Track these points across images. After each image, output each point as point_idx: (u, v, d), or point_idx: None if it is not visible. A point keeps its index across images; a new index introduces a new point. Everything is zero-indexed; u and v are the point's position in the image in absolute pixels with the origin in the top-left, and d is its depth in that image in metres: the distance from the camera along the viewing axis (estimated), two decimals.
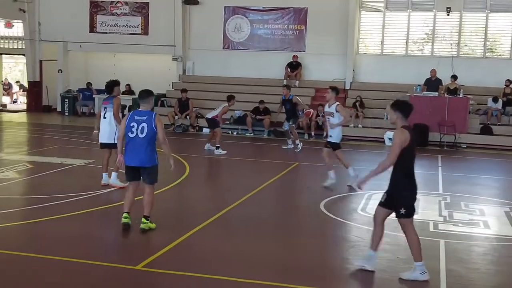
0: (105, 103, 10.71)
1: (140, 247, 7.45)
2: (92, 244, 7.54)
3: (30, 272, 6.57)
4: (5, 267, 6.67)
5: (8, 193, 10.16)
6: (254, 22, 22.65)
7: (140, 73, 24.27)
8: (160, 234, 8.11)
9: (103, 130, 10.58)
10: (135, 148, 7.84)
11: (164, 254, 7.08)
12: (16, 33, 25.48)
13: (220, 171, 13.64)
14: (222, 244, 7.79)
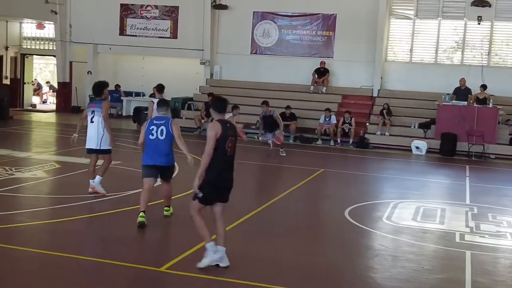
0: (92, 107, 9.89)
1: (164, 249, 7.49)
2: (117, 244, 7.60)
3: (53, 270, 6.64)
4: (30, 264, 6.75)
5: (36, 192, 10.29)
6: (283, 27, 22.66)
7: (167, 76, 24.35)
8: (184, 236, 8.15)
9: (91, 135, 9.82)
10: (157, 149, 8.43)
11: (188, 257, 7.10)
12: (47, 35, 25.86)
13: (245, 175, 13.61)
14: (246, 248, 7.78)
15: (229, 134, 6.58)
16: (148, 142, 8.43)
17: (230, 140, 6.59)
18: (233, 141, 6.65)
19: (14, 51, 25.73)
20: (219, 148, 6.52)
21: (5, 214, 8.77)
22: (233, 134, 6.66)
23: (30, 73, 27.07)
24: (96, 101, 10.02)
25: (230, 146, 6.58)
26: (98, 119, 9.79)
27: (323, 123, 19.38)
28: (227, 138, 6.55)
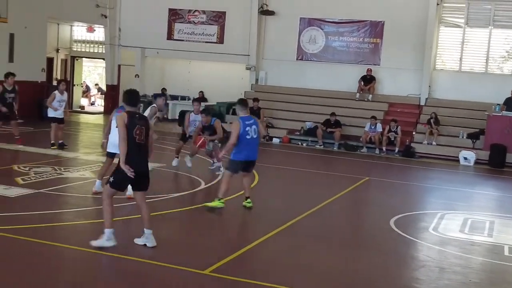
0: (119, 111, 9.89)
1: (209, 252, 7.49)
2: (163, 245, 7.65)
3: (99, 269, 6.72)
4: (76, 262, 6.86)
5: (84, 192, 10.47)
6: (329, 34, 22.55)
7: (213, 81, 24.63)
8: (229, 240, 8.17)
9: (112, 138, 9.67)
10: (254, 147, 9.61)
11: (231, 261, 7.10)
12: (97, 38, 26.38)
13: (289, 182, 13.59)
14: (289, 254, 7.74)
15: (137, 123, 7.10)
16: (245, 142, 9.43)
17: (138, 128, 7.08)
18: (142, 129, 7.12)
19: (64, 54, 26.32)
20: (128, 136, 7.02)
21: (54, 212, 8.95)
22: (142, 123, 7.16)
23: (79, 76, 27.65)
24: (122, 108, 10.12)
25: (138, 133, 7.07)
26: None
27: (368, 131, 19.18)
28: (134, 126, 7.05)
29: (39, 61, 21.59)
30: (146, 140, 7.24)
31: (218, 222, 9.41)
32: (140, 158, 7.16)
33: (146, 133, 7.21)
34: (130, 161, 7.05)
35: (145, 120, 7.30)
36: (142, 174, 7.21)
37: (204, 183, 11.74)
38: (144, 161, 7.25)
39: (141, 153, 7.18)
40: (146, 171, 7.31)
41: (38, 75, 21.45)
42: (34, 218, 8.46)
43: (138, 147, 7.12)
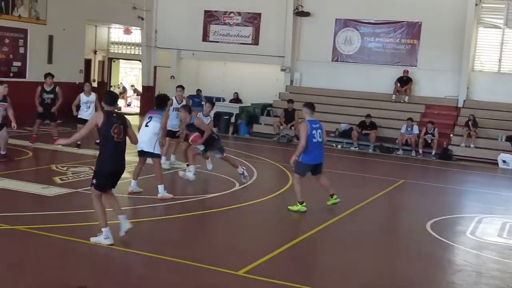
0: (152, 113, 10.24)
1: (243, 253, 7.50)
2: (197, 246, 7.69)
3: (132, 268, 6.78)
4: (113, 261, 6.93)
5: (121, 192, 10.56)
6: (365, 35, 22.36)
7: (248, 82, 24.66)
8: (263, 242, 8.17)
9: (142, 139, 9.84)
10: (320, 150, 9.98)
11: (265, 262, 7.08)
12: (134, 40, 26.68)
13: None
14: (325, 256, 7.70)
15: (114, 122, 7.19)
16: (312, 145, 9.73)
17: (116, 126, 7.18)
18: (120, 128, 7.21)
19: (102, 55, 26.70)
20: (106, 135, 7.16)
21: (91, 212, 9.06)
22: (120, 122, 7.25)
23: (116, 77, 28.02)
24: (156, 110, 10.33)
25: (116, 132, 7.16)
26: (155, 124, 10.01)
27: (404, 133, 18.95)
28: (112, 125, 7.15)
29: (77, 62, 21.93)
30: (125, 138, 7.37)
31: (253, 223, 9.41)
32: (118, 157, 7.32)
33: (124, 132, 7.33)
34: (109, 159, 7.23)
35: (123, 119, 7.41)
36: (118, 173, 7.41)
37: (238, 184, 11.75)
38: (122, 160, 7.40)
39: (120, 152, 7.31)
40: (122, 170, 7.47)
41: (76, 76, 21.80)
42: (70, 217, 8.60)
43: (117, 145, 7.25)
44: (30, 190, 9.61)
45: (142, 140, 9.78)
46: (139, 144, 9.68)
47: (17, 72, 18.79)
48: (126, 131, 7.38)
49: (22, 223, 7.43)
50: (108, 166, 7.28)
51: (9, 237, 7.23)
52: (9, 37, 18.71)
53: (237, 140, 19.95)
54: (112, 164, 7.27)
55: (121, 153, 7.34)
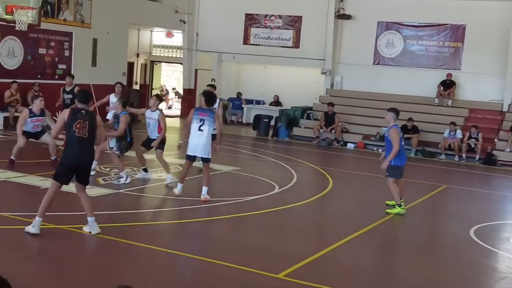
0: (202, 115, 9.84)
1: (283, 256, 7.49)
2: (236, 248, 7.71)
3: (174, 269, 6.84)
4: (153, 261, 7.01)
5: (161, 193, 10.71)
6: (408, 38, 22.11)
7: (288, 85, 24.65)
8: (303, 245, 8.14)
9: (198, 143, 9.76)
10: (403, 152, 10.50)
11: (306, 265, 7.06)
12: (175, 43, 26.96)
13: (364, 187, 13.39)
14: (365, 261, 7.62)
15: (78, 118, 7.31)
16: (402, 147, 10.31)
17: (79, 122, 7.29)
18: (84, 124, 7.31)
19: (144, 58, 27.06)
20: (68, 130, 7.30)
21: (132, 212, 9.20)
22: (85, 118, 7.34)
23: (158, 80, 28.34)
24: (205, 109, 9.94)
25: (78, 127, 7.28)
26: (209, 128, 9.79)
27: (447, 137, 18.64)
28: (75, 121, 7.27)
29: (120, 65, 22.27)
30: (89, 135, 7.39)
31: (293, 225, 9.38)
32: (80, 152, 7.33)
33: (89, 128, 7.36)
34: (70, 153, 7.33)
35: (90, 116, 7.44)
36: (81, 169, 7.41)
37: (278, 187, 11.75)
38: (84, 156, 7.41)
39: (81, 148, 7.34)
40: (86, 166, 7.48)
41: (119, 79, 21.95)
42: (113, 217, 8.72)
43: (78, 141, 7.29)
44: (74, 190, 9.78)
45: (198, 145, 9.72)
46: (193, 148, 9.82)
47: (62, 74, 19.17)
48: (92, 128, 7.39)
49: (67, 223, 7.57)
50: (68, 159, 7.36)
51: (54, 236, 7.38)
52: (55, 40, 19.13)
53: (276, 143, 19.94)
54: (72, 158, 7.33)
55: (83, 148, 7.36)
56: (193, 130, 9.83)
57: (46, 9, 18.35)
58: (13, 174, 10.74)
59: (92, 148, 7.62)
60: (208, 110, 9.95)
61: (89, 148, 7.51)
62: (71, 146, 7.33)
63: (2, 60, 17.32)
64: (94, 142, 7.57)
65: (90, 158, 7.64)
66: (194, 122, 9.82)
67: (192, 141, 9.84)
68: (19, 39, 17.64)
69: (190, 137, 9.89)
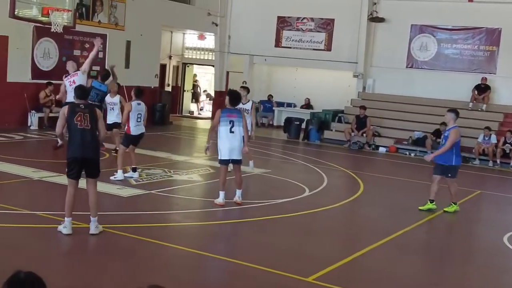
0: (231, 116, 9.48)
1: (312, 259, 7.45)
2: (266, 250, 7.70)
3: (202, 270, 6.86)
4: (181, 261, 7.05)
5: (191, 194, 10.76)
6: (442, 41, 21.82)
7: (319, 88, 24.56)
8: (333, 249, 8.10)
9: (233, 146, 9.43)
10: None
11: (335, 269, 7.01)
12: (207, 45, 27.10)
13: (395, 191, 13.25)
14: (395, 267, 7.54)
15: (77, 111, 7.37)
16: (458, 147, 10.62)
17: (79, 114, 7.34)
18: (85, 116, 7.35)
19: (176, 60, 27.26)
20: (70, 123, 7.36)
21: (162, 213, 9.26)
22: (85, 111, 7.40)
23: (189, 82, 28.52)
24: (232, 110, 9.63)
25: (79, 120, 7.33)
26: (239, 129, 9.49)
27: (481, 142, 18.33)
28: (75, 114, 7.33)
29: (153, 67, 22.48)
30: (92, 126, 7.40)
31: (324, 229, 9.34)
32: (83, 143, 7.31)
33: (91, 120, 7.38)
34: (74, 146, 7.33)
35: (90, 109, 7.53)
36: (87, 161, 7.37)
37: (308, 190, 11.70)
38: (89, 148, 7.37)
39: (85, 139, 7.32)
40: (92, 158, 7.42)
41: (151, 81, 22.35)
42: (144, 218, 8.80)
43: (81, 133, 7.31)
44: (107, 190, 9.90)
45: (234, 148, 9.45)
46: (228, 152, 9.42)
47: (96, 76, 19.41)
48: (93, 120, 7.41)
49: (99, 222, 7.63)
50: (73, 153, 7.35)
51: (87, 235, 7.46)
52: (89, 42, 19.37)
53: (307, 146, 19.88)
54: (77, 150, 7.32)
55: (86, 139, 7.34)
56: (223, 133, 9.48)
57: (81, 11, 18.64)
58: (48, 173, 10.92)
59: (97, 139, 7.54)
60: (235, 111, 9.67)
61: (93, 139, 7.45)
62: (74, 139, 7.37)
63: (37, 61, 17.64)
64: (97, 134, 7.54)
65: (96, 149, 7.58)
66: (223, 125, 9.47)
67: (225, 145, 9.46)
68: (54, 41, 17.94)
69: (220, 140, 9.52)
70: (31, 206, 8.76)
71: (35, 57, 17.51)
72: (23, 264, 5.08)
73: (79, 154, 7.35)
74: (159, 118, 21.77)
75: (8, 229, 7.62)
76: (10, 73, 16.85)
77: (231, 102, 9.69)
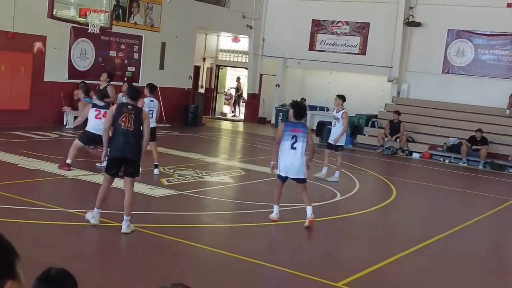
0: (295, 131, 8.64)
1: (343, 264, 7.39)
2: (296, 254, 7.66)
3: (230, 271, 6.86)
4: (211, 262, 7.07)
5: (222, 196, 10.78)
6: (479, 46, 21.47)
7: (353, 92, 24.30)
8: (364, 254, 8.02)
9: (294, 164, 8.65)
10: None
11: (366, 275, 6.93)
12: (241, 48, 27.16)
13: (428, 198, 13.07)
14: (427, 274, 7.42)
15: (124, 112, 7.56)
16: None
17: (125, 115, 7.53)
18: (130, 117, 7.54)
19: (210, 62, 27.38)
20: (115, 122, 7.57)
21: (193, 214, 9.30)
22: (131, 112, 7.57)
23: (223, 84, 28.63)
24: (297, 124, 8.76)
25: (123, 121, 7.53)
26: (302, 145, 8.66)
27: None
28: (121, 114, 7.52)
29: (187, 69, 22.62)
30: (136, 128, 7.57)
31: (355, 234, 9.26)
32: (125, 144, 7.53)
33: (136, 121, 7.55)
34: (116, 146, 7.57)
35: (136, 110, 7.67)
36: (127, 160, 7.57)
37: (339, 194, 11.61)
38: (130, 148, 7.56)
39: (127, 140, 7.53)
40: (131, 157, 7.57)
41: (185, 82, 22.50)
42: (175, 218, 8.85)
43: (124, 134, 7.52)
44: (139, 190, 9.97)
45: (293, 165, 8.67)
46: (286, 169, 8.72)
47: (131, 77, 19.66)
48: (139, 121, 7.59)
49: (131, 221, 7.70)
50: (115, 152, 7.58)
51: (119, 234, 7.53)
52: (125, 43, 19.64)
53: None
54: (118, 150, 7.55)
55: (128, 140, 7.53)
56: (285, 149, 8.67)
57: (118, 13, 18.87)
58: (82, 172, 11.06)
59: (139, 141, 7.64)
60: (301, 125, 8.78)
61: (135, 141, 7.59)
62: (117, 139, 7.58)
63: (74, 61, 17.91)
64: (140, 136, 7.65)
65: (137, 150, 7.66)
66: (285, 139, 8.64)
67: (285, 161, 8.69)
68: (91, 41, 18.20)
69: (281, 155, 8.71)
70: (64, 203, 8.89)
71: (72, 57, 17.79)
72: (55, 260, 5.16)
73: (119, 154, 7.56)
74: (192, 120, 21.90)
75: (41, 225, 7.74)
76: (48, 72, 17.15)
77: (296, 115, 8.82)
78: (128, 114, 7.56)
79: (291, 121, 8.88)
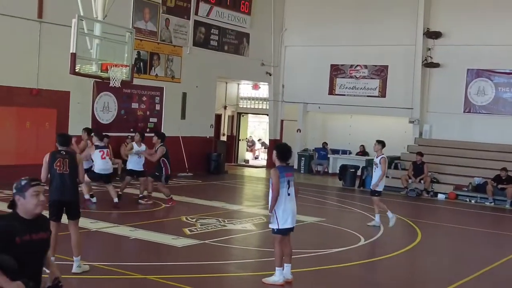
0: (288, 175, 8.03)
1: None
2: None
3: None
4: None
5: (245, 244, 10.73)
6: (500, 85, 21.39)
7: (374, 134, 24.25)
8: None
9: (293, 210, 8.05)
10: None
11: None
12: (261, 95, 27.43)
13: (454, 240, 12.84)
14: None
15: (57, 157, 7.94)
16: None
17: (59, 160, 7.90)
18: (64, 161, 7.90)
19: (231, 110, 27.67)
20: (50, 168, 7.90)
21: (216, 263, 9.25)
22: (65, 157, 7.96)
23: (245, 131, 28.83)
24: (288, 168, 8.22)
25: (58, 165, 7.88)
26: (293, 190, 8.09)
27: None
28: (55, 160, 7.90)
29: (208, 117, 22.85)
30: (71, 171, 7.90)
31: (378, 280, 9.11)
32: (63, 187, 7.84)
33: (70, 165, 7.90)
34: (54, 190, 7.84)
35: (69, 155, 8.06)
36: (67, 203, 7.87)
37: (363, 239, 11.49)
38: (69, 191, 7.87)
39: (64, 183, 7.85)
40: (71, 200, 7.90)
41: (207, 131, 22.70)
42: (197, 268, 8.80)
43: (61, 177, 7.85)
44: (161, 240, 10.01)
45: (295, 213, 8.10)
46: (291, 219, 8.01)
47: (153, 127, 19.91)
48: (73, 166, 7.93)
49: (153, 273, 7.72)
50: (54, 196, 7.81)
51: (141, 287, 7.52)
52: (147, 95, 19.98)
53: (363, 194, 19.58)
54: (57, 194, 7.81)
55: (66, 183, 7.86)
56: (283, 197, 7.94)
57: (139, 66, 19.27)
58: (105, 224, 11.13)
59: (75, 183, 8.00)
60: (290, 168, 8.37)
61: (71, 183, 7.93)
62: (54, 183, 7.88)
63: (97, 114, 18.24)
64: (76, 178, 8.02)
65: (74, 192, 8.00)
66: (283, 187, 7.94)
67: (286, 211, 7.94)
68: (113, 95, 18.55)
69: (280, 205, 7.93)
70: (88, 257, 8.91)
71: (95, 110, 18.13)
72: None
73: (59, 197, 7.86)
74: (215, 168, 21.99)
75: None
76: (72, 127, 17.44)
77: (282, 157, 8.15)
78: (63, 158, 7.95)
79: (282, 166, 8.10)
